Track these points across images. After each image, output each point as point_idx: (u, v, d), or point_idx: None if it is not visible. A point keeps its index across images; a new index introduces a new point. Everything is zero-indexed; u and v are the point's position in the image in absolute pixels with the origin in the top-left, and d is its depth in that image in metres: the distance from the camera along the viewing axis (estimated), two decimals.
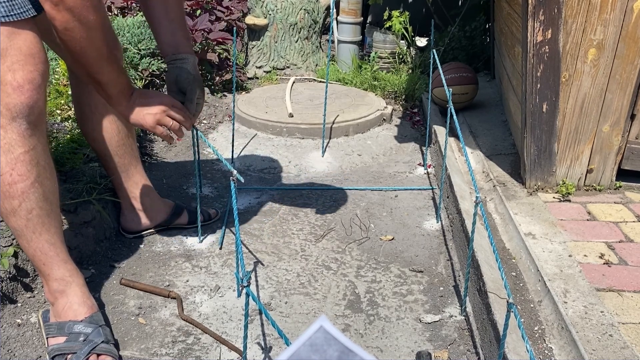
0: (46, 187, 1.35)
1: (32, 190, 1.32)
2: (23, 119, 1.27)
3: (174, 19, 1.60)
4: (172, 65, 1.60)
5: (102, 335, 1.41)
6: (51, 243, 1.39)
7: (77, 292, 1.44)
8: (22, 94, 1.25)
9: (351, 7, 3.96)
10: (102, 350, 1.39)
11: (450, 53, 3.91)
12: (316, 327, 0.41)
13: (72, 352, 1.37)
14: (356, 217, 2.15)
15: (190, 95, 1.60)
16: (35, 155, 1.31)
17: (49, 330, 1.42)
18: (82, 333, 1.39)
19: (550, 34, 1.90)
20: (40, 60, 1.27)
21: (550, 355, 1.37)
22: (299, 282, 1.75)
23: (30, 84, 1.25)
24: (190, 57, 1.61)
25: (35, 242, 1.37)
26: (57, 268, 1.42)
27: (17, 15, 1.22)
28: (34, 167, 1.31)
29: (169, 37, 1.60)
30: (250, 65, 3.98)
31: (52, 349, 1.39)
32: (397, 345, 1.49)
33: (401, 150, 2.82)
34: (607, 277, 1.59)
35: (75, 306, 1.43)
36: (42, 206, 1.35)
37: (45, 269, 1.41)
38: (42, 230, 1.37)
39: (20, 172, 1.29)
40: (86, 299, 1.46)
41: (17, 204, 1.31)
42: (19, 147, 1.28)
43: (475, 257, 1.63)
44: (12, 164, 1.28)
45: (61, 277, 1.42)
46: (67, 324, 1.41)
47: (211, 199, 2.26)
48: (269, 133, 2.90)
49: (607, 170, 2.10)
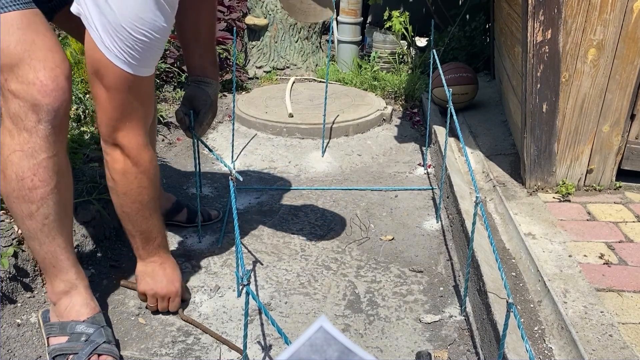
0: (63, 194, 1.35)
1: (51, 197, 1.31)
2: (48, 122, 1.25)
3: (203, 44, 1.69)
4: (195, 85, 1.69)
5: (104, 335, 1.41)
6: (63, 247, 1.39)
7: (81, 293, 1.45)
8: (47, 96, 1.23)
9: (351, 7, 3.96)
10: (103, 350, 1.39)
11: (450, 53, 3.91)
12: (316, 327, 0.41)
13: (73, 352, 1.37)
14: (356, 217, 2.15)
15: (201, 118, 1.69)
16: (58, 161, 1.31)
17: (50, 329, 1.42)
18: (84, 333, 1.39)
19: (550, 34, 1.90)
20: (61, 58, 1.27)
21: (550, 355, 1.37)
22: (299, 282, 1.75)
23: (53, 81, 1.23)
24: (214, 84, 1.70)
25: (47, 245, 1.37)
26: (66, 272, 1.42)
27: (23, 5, 1.23)
28: (55, 174, 1.31)
29: (197, 59, 1.70)
30: (250, 65, 3.98)
31: (54, 349, 1.38)
32: (397, 345, 1.49)
33: (401, 150, 2.82)
34: (607, 277, 1.59)
35: (78, 307, 1.43)
36: (58, 212, 1.35)
37: (54, 270, 1.41)
38: (55, 235, 1.37)
39: (41, 177, 1.29)
40: (89, 301, 1.46)
41: (35, 209, 1.31)
42: (43, 153, 1.27)
43: (475, 257, 1.63)
44: (34, 169, 1.27)
45: (68, 279, 1.42)
46: (69, 324, 1.41)
47: (211, 199, 2.26)
48: (268, 133, 2.90)
49: (607, 170, 2.10)
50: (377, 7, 4.33)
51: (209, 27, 1.69)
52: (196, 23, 1.66)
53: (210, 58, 1.70)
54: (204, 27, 1.67)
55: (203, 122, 1.69)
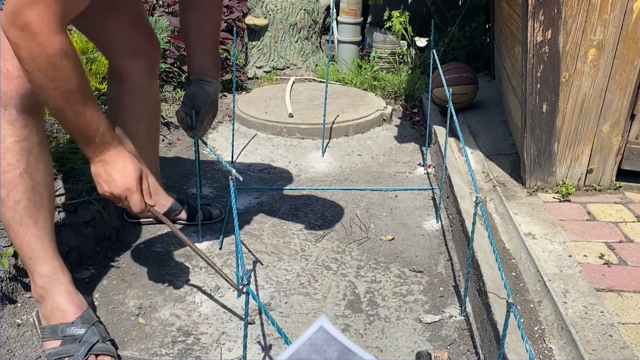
0: (37, 180, 1.34)
1: (20, 181, 1.31)
2: (13, 107, 1.28)
3: (205, 43, 1.67)
4: (196, 83, 1.67)
5: (97, 334, 1.40)
6: (38, 237, 1.38)
7: (62, 290, 1.42)
8: (11, 82, 1.27)
9: (351, 7, 3.96)
10: (100, 350, 1.38)
11: (450, 53, 3.91)
12: (316, 327, 0.41)
13: (69, 355, 1.36)
14: (356, 217, 2.15)
15: (201, 118, 1.67)
16: (27, 146, 1.31)
17: (43, 333, 1.41)
18: (76, 335, 1.38)
19: (550, 34, 1.90)
20: None
21: (550, 355, 1.37)
22: (299, 282, 1.75)
23: (20, 72, 1.24)
24: (215, 83, 1.68)
25: (22, 234, 1.36)
26: (43, 263, 1.40)
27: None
28: (24, 158, 1.31)
29: (199, 58, 1.68)
30: (250, 65, 3.98)
31: (50, 354, 1.38)
32: (397, 345, 1.49)
33: (401, 150, 2.82)
34: (607, 277, 1.59)
35: (63, 306, 1.41)
36: (31, 198, 1.34)
37: (31, 263, 1.40)
38: (29, 223, 1.35)
39: (9, 161, 1.30)
40: (73, 297, 1.44)
41: (4, 194, 1.32)
42: (9, 137, 1.29)
43: (475, 257, 1.63)
44: (2, 152, 1.29)
45: (46, 274, 1.40)
46: (59, 327, 1.39)
47: (211, 199, 2.26)
48: (268, 133, 2.90)
49: (607, 170, 2.10)
50: (377, 7, 4.33)
51: (212, 26, 1.68)
52: (199, 21, 1.65)
53: (212, 57, 1.69)
54: (206, 25, 1.66)
55: (204, 121, 1.68)
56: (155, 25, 3.26)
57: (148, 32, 1.79)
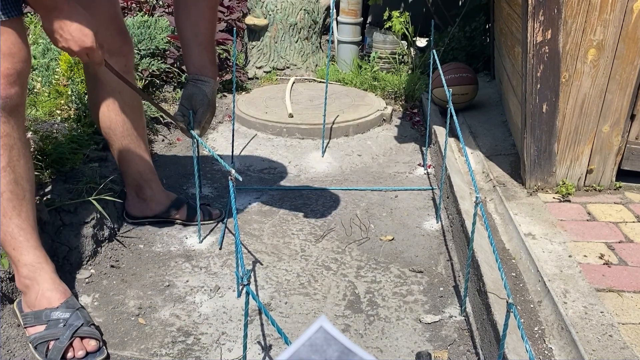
0: (18, 173, 1.39)
1: (3, 174, 1.36)
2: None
3: (201, 42, 1.67)
4: (192, 83, 1.68)
5: (81, 317, 1.43)
6: (21, 228, 1.42)
7: (46, 279, 1.46)
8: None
9: (351, 8, 3.96)
10: (84, 333, 1.41)
11: (450, 53, 3.91)
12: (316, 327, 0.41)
13: (54, 339, 1.39)
14: (356, 217, 2.15)
15: (199, 117, 1.68)
16: (9, 141, 1.36)
17: (25, 320, 1.44)
18: (60, 319, 1.42)
19: (550, 35, 1.90)
20: (19, 59, 1.33)
21: (550, 355, 1.37)
22: (299, 283, 1.75)
23: (4, 78, 1.31)
24: (212, 82, 1.69)
25: (5, 226, 1.41)
26: (27, 253, 1.44)
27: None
28: (7, 152, 1.36)
29: (196, 58, 1.68)
30: (250, 65, 3.98)
31: (34, 338, 1.41)
32: (397, 345, 1.49)
33: (401, 150, 2.82)
34: (607, 277, 1.59)
35: (48, 293, 1.45)
36: (13, 190, 1.39)
37: (15, 254, 1.44)
38: (12, 215, 1.40)
39: None
40: (57, 285, 1.48)
41: None
42: None
43: (475, 258, 1.63)
44: None
45: (30, 263, 1.45)
46: (43, 312, 1.43)
47: (211, 199, 2.26)
48: (268, 133, 2.90)
49: (607, 170, 2.10)
50: (377, 7, 4.33)
51: (208, 25, 1.68)
52: (195, 20, 1.65)
53: (209, 56, 1.69)
54: (203, 24, 1.66)
55: (202, 121, 1.68)
56: (155, 26, 3.26)
57: (122, 31, 1.80)
